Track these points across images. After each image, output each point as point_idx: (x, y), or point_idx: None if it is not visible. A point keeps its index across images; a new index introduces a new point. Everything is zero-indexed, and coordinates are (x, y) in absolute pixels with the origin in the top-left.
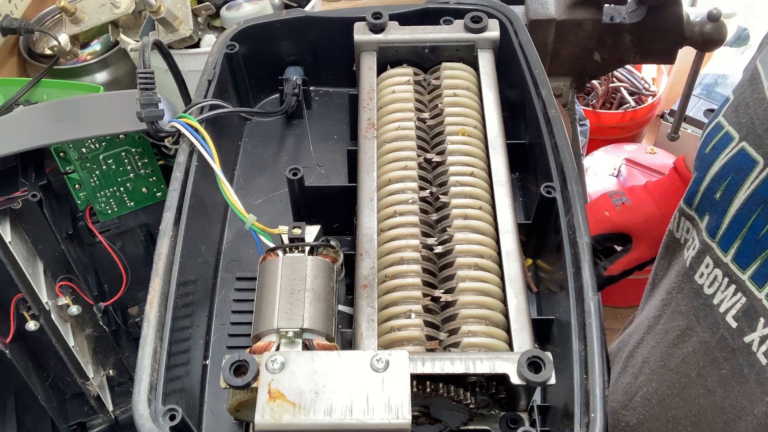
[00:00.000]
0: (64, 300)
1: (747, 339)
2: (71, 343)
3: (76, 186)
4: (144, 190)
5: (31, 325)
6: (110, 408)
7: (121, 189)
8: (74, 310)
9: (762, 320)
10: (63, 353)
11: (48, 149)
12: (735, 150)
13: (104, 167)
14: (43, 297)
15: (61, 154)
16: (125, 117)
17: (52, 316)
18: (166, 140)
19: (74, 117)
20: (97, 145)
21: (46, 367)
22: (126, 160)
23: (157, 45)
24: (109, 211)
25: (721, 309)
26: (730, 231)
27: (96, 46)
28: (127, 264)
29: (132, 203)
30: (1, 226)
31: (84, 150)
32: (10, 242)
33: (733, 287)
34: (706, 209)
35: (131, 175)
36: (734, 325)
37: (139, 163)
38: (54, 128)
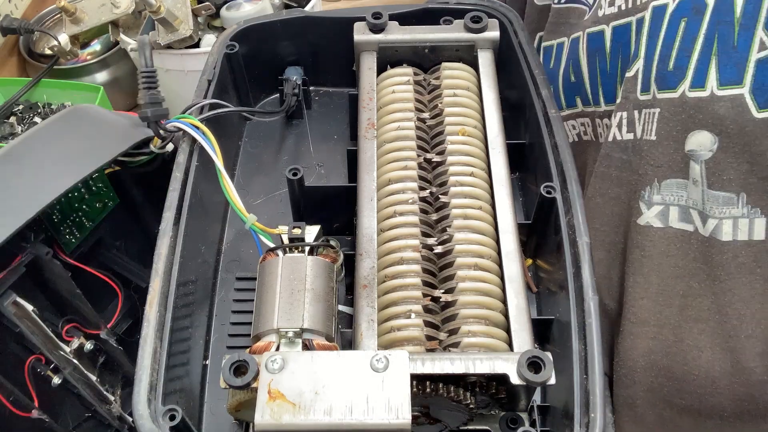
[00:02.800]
0: (77, 342)
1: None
2: (94, 378)
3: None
4: (98, 204)
5: (56, 380)
6: (129, 420)
7: (78, 213)
8: (89, 345)
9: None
10: (89, 392)
11: None
12: None
13: (63, 200)
14: (59, 347)
15: None
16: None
17: (75, 362)
18: (151, 143)
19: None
20: None
21: (71, 415)
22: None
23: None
24: (73, 240)
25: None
26: None
27: (96, 46)
28: (112, 276)
29: (90, 223)
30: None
31: None
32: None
33: None
34: None
35: (84, 192)
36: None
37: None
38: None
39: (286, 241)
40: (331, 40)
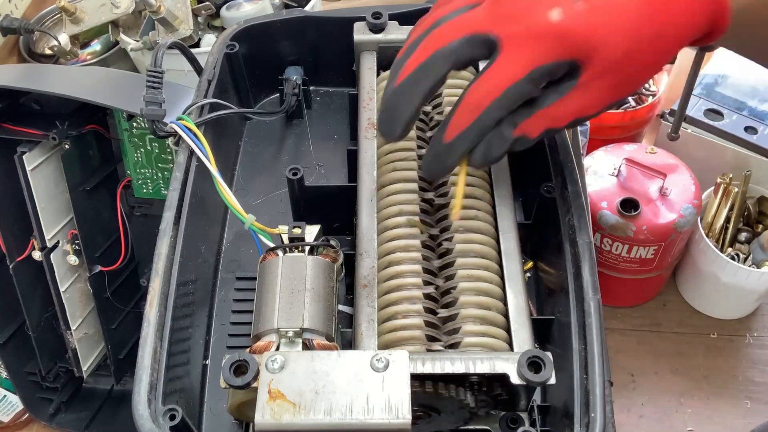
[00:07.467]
0: (66, 246)
1: None
2: (62, 288)
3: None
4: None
5: (37, 255)
6: (83, 368)
7: (159, 175)
8: (72, 259)
9: None
10: (53, 293)
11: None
12: None
13: (149, 147)
14: (48, 235)
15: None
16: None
17: (52, 255)
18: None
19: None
20: (146, 125)
21: (45, 300)
22: (169, 150)
23: (178, 47)
24: (144, 191)
25: None
26: None
27: (96, 46)
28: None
29: (166, 192)
30: (33, 156)
31: (134, 124)
32: (31, 170)
33: None
34: None
35: (171, 165)
36: None
37: None
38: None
39: (286, 240)
40: (331, 40)
